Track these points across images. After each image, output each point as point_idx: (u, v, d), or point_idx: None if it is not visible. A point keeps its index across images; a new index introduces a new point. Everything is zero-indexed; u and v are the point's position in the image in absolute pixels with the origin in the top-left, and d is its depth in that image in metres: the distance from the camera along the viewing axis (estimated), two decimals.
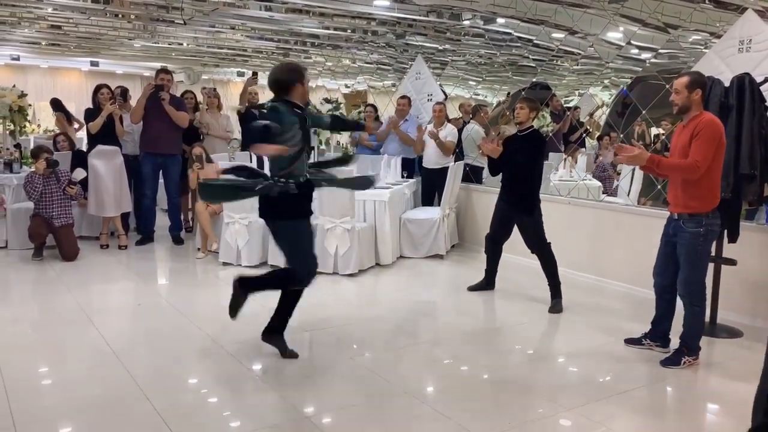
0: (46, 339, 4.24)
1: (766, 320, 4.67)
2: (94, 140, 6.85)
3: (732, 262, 4.47)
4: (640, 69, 6.49)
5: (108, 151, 6.79)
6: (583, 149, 8.74)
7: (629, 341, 4.24)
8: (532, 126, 5.12)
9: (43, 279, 5.70)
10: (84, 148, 7.51)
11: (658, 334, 4.10)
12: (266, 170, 4.14)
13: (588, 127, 8.69)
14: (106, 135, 6.80)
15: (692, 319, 3.84)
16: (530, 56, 7.77)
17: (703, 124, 3.63)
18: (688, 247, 3.74)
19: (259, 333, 4.04)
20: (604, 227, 5.91)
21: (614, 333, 4.47)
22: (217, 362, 3.89)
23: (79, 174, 6.56)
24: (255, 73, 8.19)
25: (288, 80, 3.65)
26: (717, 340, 4.43)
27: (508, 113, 7.82)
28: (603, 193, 7.24)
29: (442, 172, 6.92)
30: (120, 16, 9.24)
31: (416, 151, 7.57)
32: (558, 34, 7.26)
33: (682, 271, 3.81)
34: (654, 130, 7.84)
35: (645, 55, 6.58)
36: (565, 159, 7.86)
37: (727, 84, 4.31)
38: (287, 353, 3.90)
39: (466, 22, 8.02)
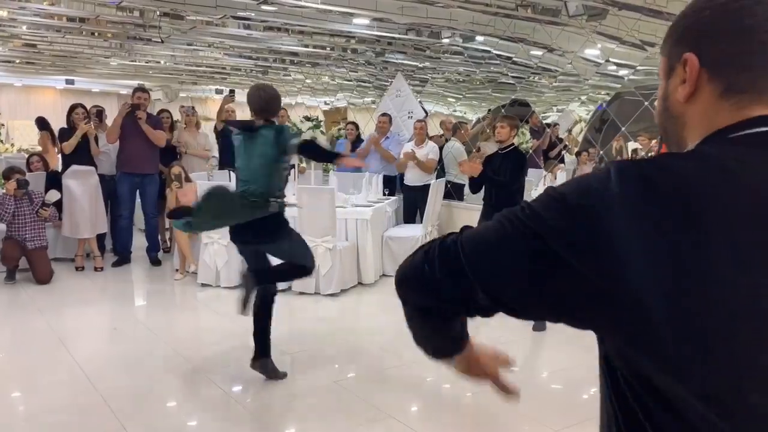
0: (18, 364, 4.11)
1: None
2: (68, 160, 6.72)
3: None
4: (619, 85, 6.55)
5: (83, 171, 6.66)
6: (563, 165, 8.79)
7: None
8: (513, 144, 5.14)
9: (15, 302, 5.54)
10: (59, 168, 7.37)
11: None
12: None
13: (567, 143, 8.75)
14: (81, 155, 6.68)
15: None
16: (509, 73, 7.82)
17: None
18: None
19: (239, 356, 3.94)
20: None
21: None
22: (196, 387, 3.79)
23: (53, 196, 6.42)
24: (232, 91, 8.13)
25: (278, 105, 3.81)
26: None
27: (488, 130, 7.84)
28: None
29: (424, 190, 6.90)
30: (96, 34, 9.14)
31: (399, 170, 7.54)
32: (536, 52, 7.32)
33: None
34: (632, 145, 7.93)
35: (623, 72, 6.65)
36: (545, 175, 7.89)
37: None
38: (279, 375, 3.83)
39: (446, 40, 8.05)
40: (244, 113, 9.78)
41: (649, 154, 7.13)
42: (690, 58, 0.84)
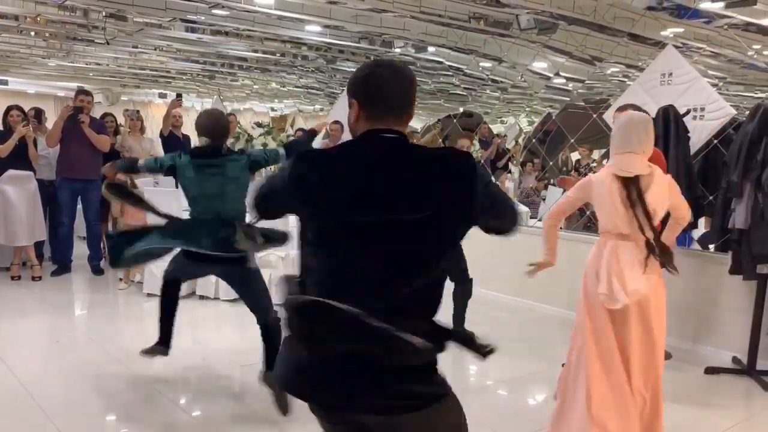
0: None
1: (692, 342, 4.85)
2: (4, 164, 6.40)
3: None
4: (567, 98, 6.72)
5: (20, 176, 6.35)
6: (509, 175, 8.97)
7: None
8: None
9: None
10: None
11: None
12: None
13: (513, 154, 8.93)
14: (18, 159, 6.36)
15: None
16: (460, 84, 7.92)
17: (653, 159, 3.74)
18: None
19: (187, 366, 3.84)
20: (534, 252, 6.01)
21: (552, 359, 4.51)
22: (146, 401, 3.65)
23: None
24: (179, 95, 7.93)
25: (228, 127, 3.81)
26: None
27: (440, 140, 7.91)
28: (531, 218, 7.40)
29: None
30: (34, 33, 8.77)
31: None
32: (486, 63, 7.44)
33: None
34: (574, 155, 8.16)
35: (570, 85, 6.83)
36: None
37: (653, 115, 4.49)
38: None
39: (398, 50, 8.09)
40: (190, 118, 9.57)
41: (592, 165, 7.35)
42: (353, 102, 1.69)
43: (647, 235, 2.93)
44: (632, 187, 2.89)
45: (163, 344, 3.82)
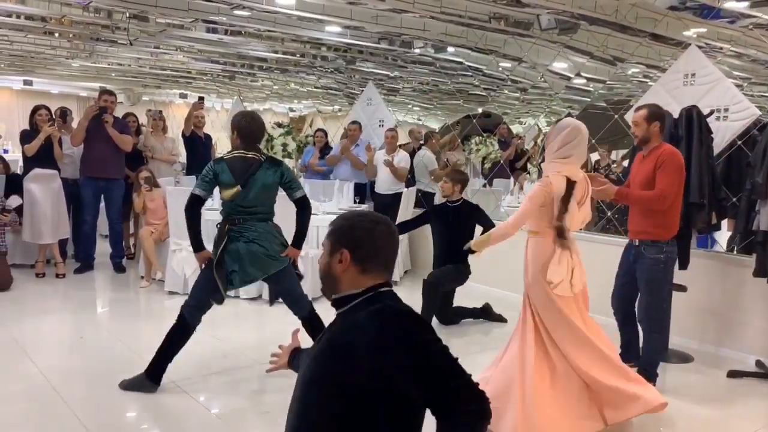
0: None
1: (714, 345, 4.80)
2: (30, 163, 6.51)
3: (683, 288, 4.58)
4: (588, 99, 6.67)
5: (45, 174, 6.46)
6: (528, 175, 8.92)
7: None
8: (462, 198, 5.23)
9: None
10: (19, 171, 7.14)
11: (631, 354, 4.10)
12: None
13: (532, 155, 8.89)
14: (44, 158, 6.48)
15: (651, 346, 3.90)
16: (480, 85, 7.90)
17: (665, 156, 3.75)
18: (649, 273, 3.81)
19: (208, 364, 3.86)
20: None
21: None
22: (166, 398, 3.69)
23: (14, 201, 6.21)
24: (201, 98, 8.02)
25: (263, 132, 3.99)
26: (669, 365, 4.51)
27: (458, 141, 7.91)
28: None
29: (395, 198, 6.90)
30: (58, 35, 8.89)
31: (368, 176, 7.53)
32: (505, 64, 7.42)
33: (642, 297, 3.88)
34: (594, 156, 8.10)
35: (592, 86, 6.79)
36: (515, 185, 7.99)
37: (675, 116, 4.46)
38: None
39: (417, 50, 8.10)
40: (211, 118, 9.65)
41: (612, 165, 7.30)
42: (344, 252, 1.72)
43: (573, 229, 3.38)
44: (574, 190, 3.29)
45: (155, 380, 3.75)
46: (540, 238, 3.36)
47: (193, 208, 3.79)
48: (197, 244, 3.80)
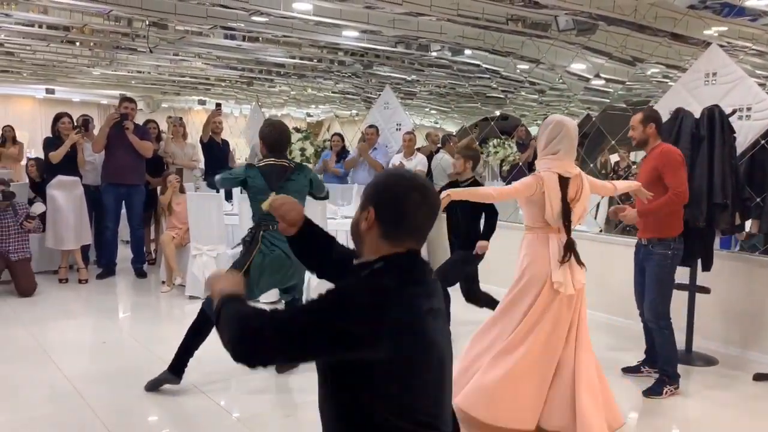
0: (3, 378, 3.99)
1: (740, 347, 4.72)
2: (53, 170, 6.60)
3: (706, 290, 4.52)
4: (607, 100, 6.62)
5: (68, 181, 6.55)
6: None
7: (627, 370, 4.23)
8: (473, 177, 5.11)
9: None
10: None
11: (655, 358, 4.09)
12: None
13: None
14: (66, 165, 6.56)
15: (664, 342, 3.91)
16: (497, 87, 7.87)
17: (663, 155, 3.86)
18: (656, 269, 3.88)
19: (230, 368, 3.87)
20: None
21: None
22: (188, 402, 3.71)
23: (38, 208, 6.30)
24: (219, 105, 8.12)
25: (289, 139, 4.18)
26: (694, 368, 4.45)
27: (476, 143, 7.88)
28: None
29: None
30: (79, 43, 9.03)
31: None
32: (523, 66, 7.38)
33: (649, 294, 3.92)
34: (613, 158, 8.03)
35: (611, 87, 6.73)
36: None
37: (697, 116, 4.41)
38: None
39: (434, 53, 8.09)
40: (229, 124, 9.72)
41: (632, 167, 7.23)
42: (371, 211, 1.60)
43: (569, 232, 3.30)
44: (568, 188, 3.28)
45: (177, 373, 3.83)
46: (531, 235, 3.37)
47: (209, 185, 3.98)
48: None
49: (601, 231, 6.23)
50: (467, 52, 7.79)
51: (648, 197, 3.71)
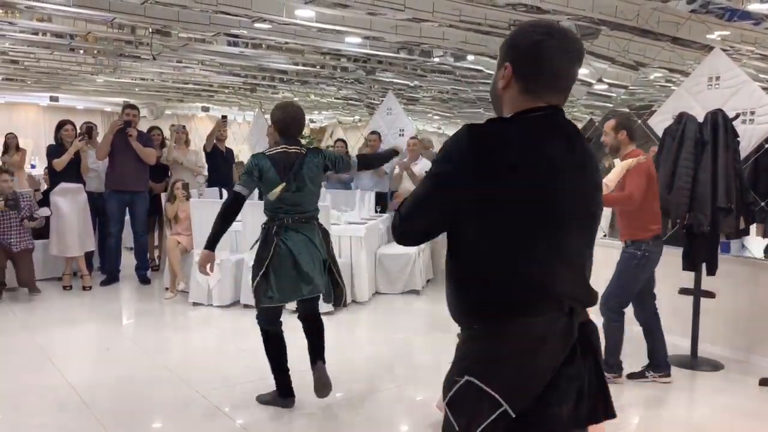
0: (6, 385, 3.99)
1: (745, 352, 4.70)
2: (57, 177, 6.62)
3: (711, 294, 4.51)
4: (611, 105, 6.62)
5: (71, 188, 6.56)
6: None
7: (632, 376, 4.21)
8: None
9: (2, 322, 5.40)
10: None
11: (657, 362, 4.14)
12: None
13: None
14: (70, 172, 6.57)
15: (609, 332, 3.99)
16: None
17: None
18: (621, 264, 4.00)
19: (233, 375, 3.86)
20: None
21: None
22: (191, 408, 3.70)
23: (44, 212, 6.32)
24: (225, 117, 8.14)
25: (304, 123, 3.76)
26: (699, 373, 4.43)
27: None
28: None
29: None
30: (83, 51, 9.07)
31: (393, 187, 7.52)
32: None
33: (608, 287, 4.00)
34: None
35: (610, 91, 6.73)
36: None
37: (700, 120, 4.40)
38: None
39: (437, 59, 8.10)
40: (232, 131, 9.74)
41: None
42: (508, 67, 1.52)
43: None
44: None
45: (284, 395, 3.69)
46: None
47: (233, 205, 3.45)
48: (212, 243, 3.47)
49: (605, 235, 6.21)
50: (470, 57, 7.80)
51: (632, 165, 3.84)
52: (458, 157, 1.48)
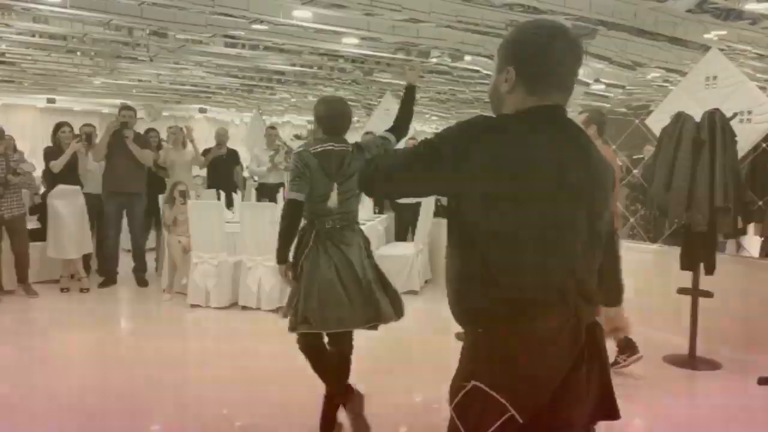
0: (2, 389, 3.97)
1: (743, 352, 4.70)
2: (54, 179, 6.60)
3: (709, 294, 4.50)
4: (608, 105, 6.63)
5: (69, 190, 6.54)
6: None
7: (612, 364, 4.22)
8: None
9: None
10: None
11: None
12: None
13: None
14: (67, 174, 6.55)
15: None
16: None
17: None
18: None
19: (232, 377, 3.86)
20: None
21: None
22: (190, 410, 3.70)
23: (28, 168, 6.29)
24: (220, 145, 8.03)
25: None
26: (697, 372, 4.43)
27: None
28: None
29: (414, 207, 6.89)
30: (80, 53, 9.06)
31: None
32: None
33: None
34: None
35: (607, 91, 6.74)
36: None
37: (698, 119, 4.40)
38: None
39: (434, 60, 8.11)
40: (231, 132, 9.73)
41: (634, 171, 7.22)
42: (510, 71, 1.51)
43: None
44: None
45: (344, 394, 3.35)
46: None
47: (294, 214, 3.10)
48: (283, 255, 3.15)
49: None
50: (467, 58, 7.80)
51: None
52: (465, 145, 1.45)
